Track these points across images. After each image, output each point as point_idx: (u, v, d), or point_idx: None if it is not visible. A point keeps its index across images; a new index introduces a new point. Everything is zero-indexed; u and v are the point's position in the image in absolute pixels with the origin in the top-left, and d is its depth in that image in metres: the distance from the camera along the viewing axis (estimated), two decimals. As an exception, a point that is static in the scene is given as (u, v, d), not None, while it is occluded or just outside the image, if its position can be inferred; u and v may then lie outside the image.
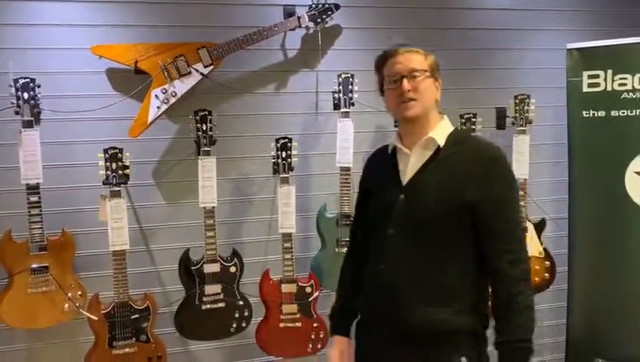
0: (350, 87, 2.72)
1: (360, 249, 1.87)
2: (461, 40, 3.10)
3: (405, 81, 1.63)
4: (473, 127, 2.87)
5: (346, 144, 2.71)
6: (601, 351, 2.95)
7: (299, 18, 2.72)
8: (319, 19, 2.75)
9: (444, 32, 3.07)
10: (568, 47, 2.97)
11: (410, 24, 3.00)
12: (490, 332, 1.66)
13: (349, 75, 2.72)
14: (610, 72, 2.88)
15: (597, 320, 2.99)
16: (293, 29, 2.74)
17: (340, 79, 2.72)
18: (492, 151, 1.67)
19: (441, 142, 1.66)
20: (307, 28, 2.76)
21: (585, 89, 2.94)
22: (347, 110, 2.73)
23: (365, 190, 1.88)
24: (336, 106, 2.74)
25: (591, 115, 2.93)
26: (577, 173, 3.00)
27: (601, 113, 2.91)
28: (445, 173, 1.64)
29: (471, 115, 2.88)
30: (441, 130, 1.68)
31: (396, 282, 1.66)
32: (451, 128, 1.72)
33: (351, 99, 2.72)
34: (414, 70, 1.64)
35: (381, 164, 1.81)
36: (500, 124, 3.08)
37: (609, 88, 2.88)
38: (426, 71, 1.65)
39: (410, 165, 1.68)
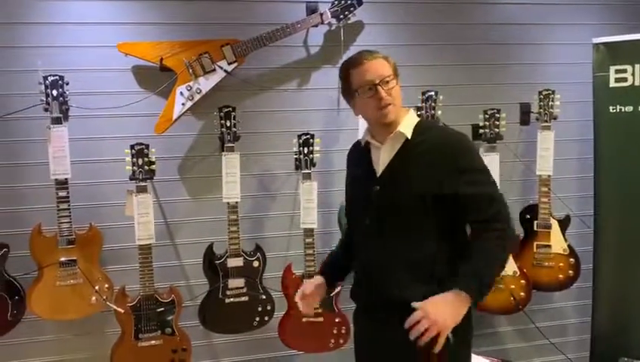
0: (373, 83, 2.72)
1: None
2: (484, 35, 3.07)
3: (380, 89, 1.70)
4: (497, 122, 2.85)
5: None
6: (627, 349, 2.91)
7: (321, 15, 2.72)
8: (341, 16, 2.75)
9: (467, 27, 3.05)
10: (595, 42, 2.93)
11: (432, 19, 2.99)
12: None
13: (372, 71, 2.72)
14: (637, 66, 2.83)
15: (622, 318, 2.96)
16: (316, 26, 2.75)
17: (363, 75, 2.72)
18: (457, 135, 1.78)
19: (409, 134, 1.75)
20: (329, 24, 2.77)
21: (612, 84, 2.90)
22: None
23: (347, 180, 2.00)
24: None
25: (618, 111, 2.89)
26: (603, 169, 2.96)
27: (629, 108, 2.87)
28: (415, 161, 1.73)
29: (494, 111, 2.86)
30: (407, 123, 1.76)
31: (377, 269, 1.78)
32: (416, 120, 1.80)
33: (373, 95, 2.72)
34: (385, 77, 1.72)
35: (357, 159, 1.92)
36: (524, 120, 3.06)
37: (637, 83, 2.84)
38: (392, 75, 1.73)
39: (382, 158, 1.78)
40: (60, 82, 2.46)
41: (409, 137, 1.74)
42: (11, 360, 2.71)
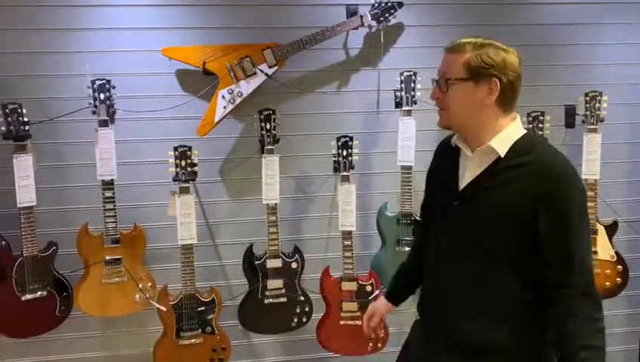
0: (412, 85, 2.70)
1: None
2: (528, 35, 3.00)
3: (434, 87, 1.56)
4: (541, 125, 2.79)
5: (408, 143, 2.69)
6: (678, 361, 2.80)
7: (361, 17, 2.72)
8: (382, 18, 2.75)
9: (509, 28, 2.98)
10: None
11: (474, 20, 2.94)
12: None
13: (412, 73, 2.71)
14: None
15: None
16: (356, 28, 2.75)
17: (402, 77, 2.70)
18: (561, 166, 1.47)
19: (502, 152, 1.50)
20: (369, 27, 2.76)
21: (664, 85, 2.80)
22: (409, 108, 2.71)
23: (429, 180, 1.79)
24: (398, 105, 2.73)
25: (670, 112, 2.79)
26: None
27: (682, 110, 2.76)
28: (504, 186, 1.48)
29: (539, 113, 2.79)
30: (504, 138, 1.51)
31: (445, 297, 1.62)
32: (520, 134, 1.53)
33: (413, 97, 2.70)
34: (442, 77, 1.52)
35: (444, 159, 1.69)
36: (570, 123, 2.97)
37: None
38: (456, 79, 1.48)
39: (469, 170, 1.56)
40: (107, 86, 2.54)
41: (502, 155, 1.49)
42: (59, 354, 2.81)
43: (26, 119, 2.48)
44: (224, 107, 2.68)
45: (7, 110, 2.45)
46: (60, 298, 2.60)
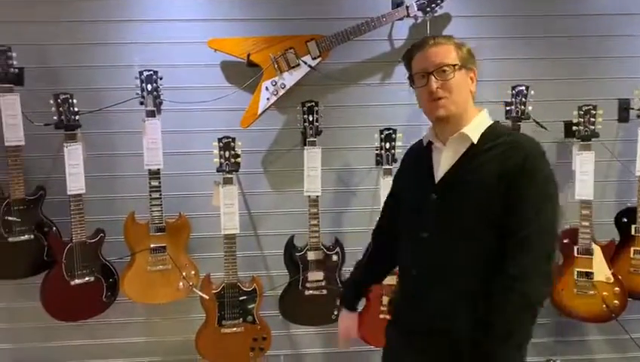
0: (459, 77, 2.64)
1: (387, 238, 1.84)
2: (579, 26, 2.90)
3: (432, 79, 1.54)
4: (593, 119, 2.69)
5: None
6: None
7: (407, 8, 2.68)
8: (428, 8, 2.70)
9: (561, 18, 2.89)
10: None
11: (523, 11, 2.86)
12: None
13: (458, 65, 2.65)
14: None
15: None
16: (401, 19, 2.71)
17: (449, 69, 2.65)
18: (530, 146, 1.52)
19: (475, 138, 1.55)
20: (415, 17, 2.72)
21: None
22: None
23: (395, 186, 1.86)
24: (444, 97, 2.67)
25: None
26: None
27: None
28: (479, 171, 1.51)
29: (590, 107, 2.69)
30: (476, 125, 1.56)
31: (429, 290, 1.59)
32: (489, 122, 1.59)
33: (460, 89, 2.65)
34: (442, 65, 1.53)
35: (415, 159, 1.74)
36: (623, 117, 2.86)
37: None
38: (455, 65, 1.53)
39: (443, 161, 1.59)
40: (155, 77, 2.58)
41: (475, 142, 1.55)
42: (105, 338, 2.90)
43: (76, 109, 2.56)
44: (267, 99, 2.69)
45: (58, 100, 2.53)
46: (106, 284, 2.67)
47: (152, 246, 2.62)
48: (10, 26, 2.67)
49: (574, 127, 2.72)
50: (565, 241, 2.75)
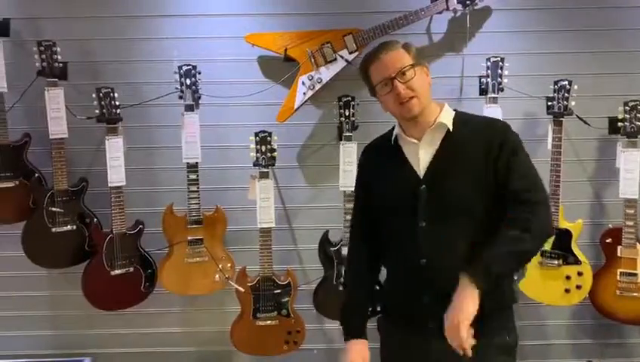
0: (500, 71, 2.59)
1: (370, 245, 1.81)
2: (625, 19, 2.79)
3: (397, 83, 1.60)
4: (639, 115, 2.59)
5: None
6: None
7: (447, 1, 2.63)
8: (468, 2, 2.64)
9: (604, 11, 2.78)
10: None
11: (565, 3, 2.77)
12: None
13: (499, 59, 2.60)
14: None
15: None
16: (440, 12, 2.66)
17: (489, 63, 2.60)
18: (497, 122, 1.76)
19: (451, 126, 1.65)
20: (454, 11, 2.67)
21: None
22: (495, 95, 2.61)
23: (366, 185, 1.80)
24: (483, 91, 2.63)
25: None
26: None
27: None
28: (462, 155, 1.62)
29: (637, 103, 2.60)
30: (445, 115, 1.67)
31: (442, 274, 1.59)
32: (453, 112, 1.70)
33: (500, 84, 2.60)
34: (401, 68, 1.60)
35: (383, 157, 1.76)
36: (672, 113, 2.75)
37: None
38: (412, 65, 1.61)
39: (423, 154, 1.66)
40: (193, 72, 2.61)
41: (451, 129, 1.65)
42: (143, 328, 2.96)
43: (117, 103, 2.61)
44: (304, 93, 2.69)
45: (100, 94, 2.59)
46: (145, 274, 2.72)
47: (189, 238, 2.66)
48: (55, 23, 2.74)
49: (619, 123, 2.63)
50: (608, 241, 2.67)
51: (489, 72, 2.60)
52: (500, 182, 1.59)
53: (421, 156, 1.66)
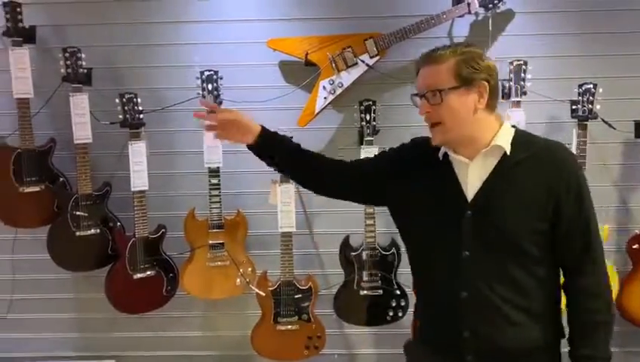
0: (522, 75, 2.56)
1: (349, 171, 1.80)
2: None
3: (422, 102, 1.49)
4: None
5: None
6: None
7: (468, 4, 2.61)
8: (490, 5, 2.62)
9: (629, 14, 2.73)
10: None
11: (589, 6, 2.73)
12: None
13: (522, 62, 2.57)
14: None
15: None
16: (462, 16, 2.65)
17: (512, 67, 2.57)
18: (562, 149, 1.53)
19: (508, 149, 1.48)
20: (477, 14, 2.65)
21: None
22: (518, 99, 2.58)
23: (399, 174, 1.65)
24: (506, 95, 2.60)
25: None
26: None
27: None
28: (519, 184, 1.47)
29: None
30: (503, 136, 1.49)
31: (483, 310, 1.51)
32: (512, 131, 1.53)
33: (523, 87, 2.57)
34: (429, 89, 1.47)
35: (431, 170, 1.58)
36: None
37: None
38: (442, 90, 1.44)
39: (473, 176, 1.51)
40: (215, 77, 2.63)
41: (508, 152, 1.48)
42: (164, 331, 2.99)
43: (140, 108, 2.64)
44: (325, 98, 2.69)
45: (124, 99, 2.62)
46: (166, 278, 2.75)
47: (210, 242, 2.67)
48: (80, 29, 2.78)
49: (646, 127, 2.59)
50: (635, 247, 2.62)
51: (512, 75, 2.58)
52: (559, 229, 1.48)
53: (471, 179, 1.51)
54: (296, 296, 2.66)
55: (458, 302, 1.52)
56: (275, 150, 1.78)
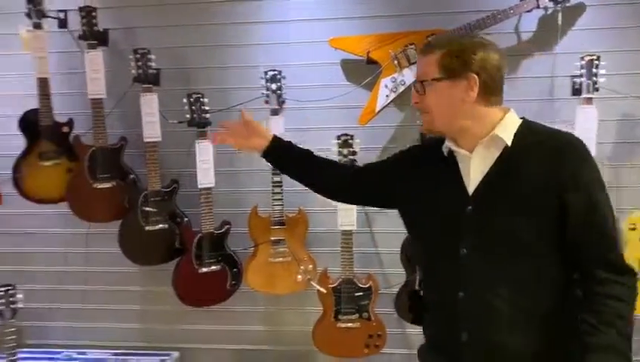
0: (595, 70, 2.45)
1: (353, 178, 1.85)
2: None
3: (413, 90, 1.50)
4: None
5: (589, 134, 2.44)
6: None
7: (537, -1, 2.54)
8: (560, -1, 2.54)
9: None
10: None
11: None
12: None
13: (595, 57, 2.46)
14: None
15: None
16: (530, 10, 2.57)
17: (583, 62, 2.47)
18: (571, 139, 1.44)
19: (509, 140, 1.43)
20: (545, 8, 2.56)
21: None
22: (590, 96, 2.47)
23: (402, 177, 1.64)
24: (577, 92, 2.50)
25: None
26: None
27: None
28: (521, 176, 1.41)
29: None
30: (505, 127, 1.44)
31: (482, 312, 1.46)
32: (519, 122, 1.47)
33: (595, 83, 2.46)
34: (418, 80, 1.48)
35: (435, 165, 1.57)
36: None
37: None
38: (432, 79, 1.44)
39: (474, 170, 1.47)
40: (278, 76, 2.67)
41: (509, 143, 1.43)
42: (228, 325, 3.06)
43: (207, 108, 2.71)
44: (386, 96, 2.68)
45: (191, 99, 2.70)
46: (230, 273, 2.81)
47: (272, 238, 2.72)
48: (150, 32, 2.89)
49: None
50: None
51: (583, 71, 2.47)
52: (567, 224, 1.39)
53: (472, 172, 1.47)
54: (356, 294, 2.66)
55: (455, 302, 1.49)
56: (288, 153, 1.87)
